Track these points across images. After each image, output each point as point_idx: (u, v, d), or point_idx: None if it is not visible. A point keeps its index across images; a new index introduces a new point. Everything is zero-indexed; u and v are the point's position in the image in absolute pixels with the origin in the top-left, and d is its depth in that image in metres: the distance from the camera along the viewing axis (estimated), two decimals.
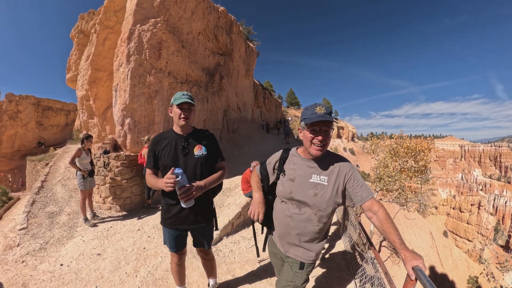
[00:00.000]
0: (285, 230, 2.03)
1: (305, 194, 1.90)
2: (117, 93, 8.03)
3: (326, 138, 1.80)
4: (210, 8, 12.33)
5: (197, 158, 2.49)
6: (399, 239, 1.60)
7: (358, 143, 69.00)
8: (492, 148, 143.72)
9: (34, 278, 3.95)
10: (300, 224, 1.94)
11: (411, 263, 1.49)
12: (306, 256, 2.00)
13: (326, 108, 1.77)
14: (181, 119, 2.42)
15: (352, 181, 1.85)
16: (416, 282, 1.55)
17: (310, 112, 1.78)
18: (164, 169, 2.45)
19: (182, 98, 2.37)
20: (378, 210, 1.75)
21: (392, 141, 12.24)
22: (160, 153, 2.46)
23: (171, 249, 2.71)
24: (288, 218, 1.99)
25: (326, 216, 1.93)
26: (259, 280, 3.85)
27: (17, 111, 25.49)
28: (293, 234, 1.98)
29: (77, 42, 12.27)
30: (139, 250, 4.74)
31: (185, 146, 2.48)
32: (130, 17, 8.15)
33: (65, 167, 10.56)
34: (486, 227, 66.02)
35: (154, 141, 2.52)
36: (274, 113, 32.68)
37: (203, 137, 2.61)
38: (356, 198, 1.83)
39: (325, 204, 1.87)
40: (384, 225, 1.69)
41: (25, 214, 6.43)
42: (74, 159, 5.97)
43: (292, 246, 2.03)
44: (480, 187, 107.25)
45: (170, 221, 2.56)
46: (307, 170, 1.94)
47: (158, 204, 7.44)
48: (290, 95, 62.26)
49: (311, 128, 1.80)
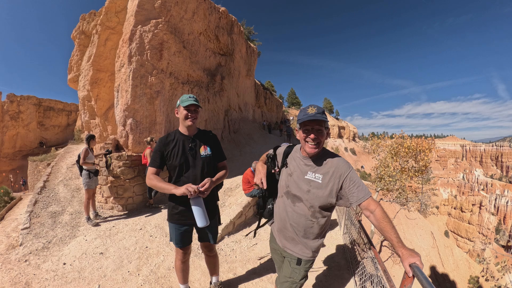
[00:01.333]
0: (282, 223, 2.13)
1: (299, 189, 1.99)
2: (119, 93, 8.07)
3: (320, 136, 1.87)
4: (211, 9, 12.37)
5: (203, 158, 2.63)
6: (396, 237, 1.65)
7: (359, 143, 68.88)
8: (493, 148, 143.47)
9: (37, 277, 3.98)
10: (294, 217, 2.02)
11: (408, 260, 1.54)
12: (303, 252, 2.06)
13: (317, 108, 1.85)
14: (188, 120, 2.52)
15: (348, 182, 1.88)
16: (414, 279, 1.58)
17: (303, 113, 1.87)
18: (174, 169, 2.58)
19: (189, 100, 2.48)
20: (375, 209, 1.79)
21: (393, 141, 12.25)
22: (170, 154, 2.56)
23: (177, 245, 2.78)
24: (284, 211, 2.09)
25: (320, 213, 1.99)
26: (260, 278, 3.89)
27: (19, 112, 25.60)
28: (288, 227, 2.07)
29: (78, 43, 12.31)
30: (141, 249, 4.78)
31: (192, 146, 2.60)
32: (131, 18, 8.19)
33: (67, 167, 10.61)
34: (488, 227, 65.83)
35: (163, 142, 2.59)
36: (275, 113, 32.70)
37: (208, 138, 2.74)
38: (352, 199, 1.87)
39: (317, 202, 1.93)
40: (381, 224, 1.73)
41: (27, 213, 6.46)
42: (85, 158, 6.12)
43: (290, 241, 2.10)
44: (482, 187, 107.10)
45: (177, 216, 2.65)
46: (304, 167, 2.02)
47: (160, 203, 7.48)
48: (291, 95, 62.21)
49: (304, 128, 1.90)
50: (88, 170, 6.18)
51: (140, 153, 7.68)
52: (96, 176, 6.37)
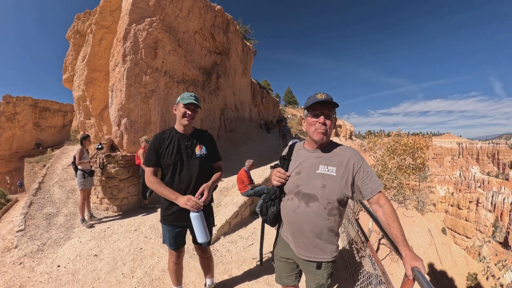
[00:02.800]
0: (296, 228, 1.91)
1: (313, 186, 1.81)
2: (113, 93, 7.99)
3: (329, 121, 1.77)
4: (207, 7, 12.29)
5: (198, 157, 2.59)
6: (402, 235, 1.58)
7: (356, 141, 69.03)
8: (490, 146, 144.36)
9: (31, 279, 3.93)
10: (310, 219, 1.83)
11: (410, 263, 1.47)
12: (323, 255, 1.89)
13: (326, 94, 1.76)
14: (185, 119, 2.48)
15: (362, 173, 1.78)
16: (414, 282, 1.53)
17: (312, 99, 1.77)
18: (167, 167, 2.53)
19: (190, 99, 2.45)
20: (384, 203, 1.73)
21: (390, 139, 12.23)
22: (164, 152, 2.51)
23: (171, 247, 2.72)
24: (296, 214, 1.88)
25: (337, 209, 1.83)
26: (256, 280, 3.85)
27: (15, 113, 25.44)
28: (305, 231, 1.86)
29: (73, 43, 12.20)
30: (136, 251, 4.73)
31: (187, 145, 2.55)
32: (125, 16, 8.11)
33: (62, 168, 10.53)
34: (485, 224, 66.30)
35: (157, 139, 2.55)
36: (272, 112, 32.70)
37: (204, 137, 2.70)
38: (366, 191, 1.77)
39: (334, 196, 1.78)
40: (389, 219, 1.66)
41: (22, 216, 6.40)
42: (81, 158, 6.09)
43: (306, 247, 1.90)
44: (478, 184, 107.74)
45: (171, 218, 2.59)
46: (314, 161, 1.88)
47: (155, 204, 7.42)
48: (288, 93, 62.16)
49: (312, 113, 1.79)
50: (83, 170, 6.12)
51: (135, 153, 7.62)
52: (91, 176, 6.31)
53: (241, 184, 6.51)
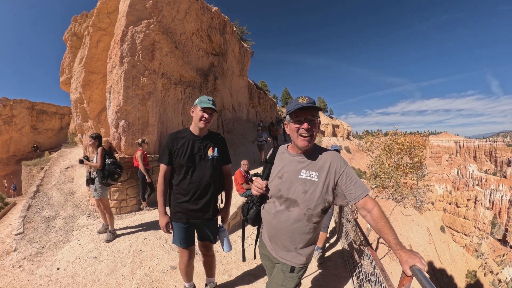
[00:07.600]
0: (274, 231, 1.93)
1: (294, 191, 1.81)
2: (110, 95, 7.99)
3: (312, 127, 1.75)
4: (204, 9, 12.31)
5: (210, 159, 2.67)
6: (394, 238, 1.55)
7: (354, 141, 69.16)
8: (487, 144, 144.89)
9: (31, 282, 3.92)
10: (289, 224, 1.83)
11: (408, 264, 1.45)
12: (297, 260, 1.90)
13: (308, 98, 1.73)
14: (202, 122, 2.54)
15: (344, 177, 1.76)
16: (412, 278, 1.53)
17: (294, 104, 1.74)
18: (180, 167, 2.61)
19: (208, 103, 2.50)
20: (372, 208, 1.69)
21: (387, 138, 12.29)
22: (177, 151, 2.58)
23: (182, 245, 2.79)
24: (275, 218, 1.89)
25: (317, 216, 1.83)
26: (256, 280, 3.87)
27: (12, 116, 25.28)
28: (282, 234, 1.89)
29: (70, 45, 12.18)
30: (135, 253, 4.73)
31: (201, 147, 2.63)
32: (122, 18, 8.11)
33: (60, 171, 10.52)
34: (483, 221, 66.47)
35: (171, 138, 2.62)
36: (270, 113, 32.69)
37: (217, 140, 2.78)
38: (350, 196, 1.74)
39: (315, 202, 1.77)
40: (378, 224, 1.63)
41: (21, 219, 6.40)
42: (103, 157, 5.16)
43: (282, 249, 1.93)
44: (476, 182, 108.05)
45: (180, 214, 2.69)
46: (296, 166, 1.86)
47: (153, 206, 7.42)
48: (285, 94, 62.18)
49: (295, 119, 1.77)
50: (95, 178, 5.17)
51: (133, 155, 7.61)
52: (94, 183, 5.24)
53: (238, 185, 6.54)
